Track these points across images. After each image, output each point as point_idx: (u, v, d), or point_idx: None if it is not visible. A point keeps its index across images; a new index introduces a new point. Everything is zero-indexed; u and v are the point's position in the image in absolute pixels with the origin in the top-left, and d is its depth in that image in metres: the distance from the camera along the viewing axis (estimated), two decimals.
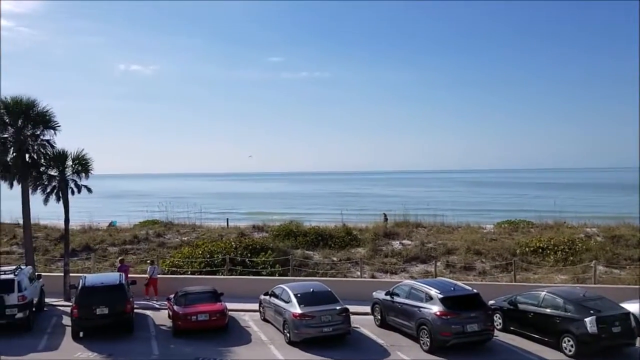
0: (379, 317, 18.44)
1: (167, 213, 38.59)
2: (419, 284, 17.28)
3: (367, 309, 19.29)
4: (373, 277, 24.44)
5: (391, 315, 17.77)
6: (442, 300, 15.64)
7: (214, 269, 24.72)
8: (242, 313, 20.23)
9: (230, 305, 19.08)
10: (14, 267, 19.85)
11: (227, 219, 39.29)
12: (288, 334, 16.62)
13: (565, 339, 15.30)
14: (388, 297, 17.98)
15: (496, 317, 17.65)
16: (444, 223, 32.91)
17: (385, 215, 38.25)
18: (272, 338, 17.23)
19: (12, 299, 17.63)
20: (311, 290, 17.47)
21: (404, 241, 29.13)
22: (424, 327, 15.78)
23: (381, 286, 20.21)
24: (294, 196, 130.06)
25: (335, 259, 26.93)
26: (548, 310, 16.13)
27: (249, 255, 25.56)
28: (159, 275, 22.96)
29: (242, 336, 17.62)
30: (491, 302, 17.96)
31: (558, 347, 15.52)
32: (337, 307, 16.57)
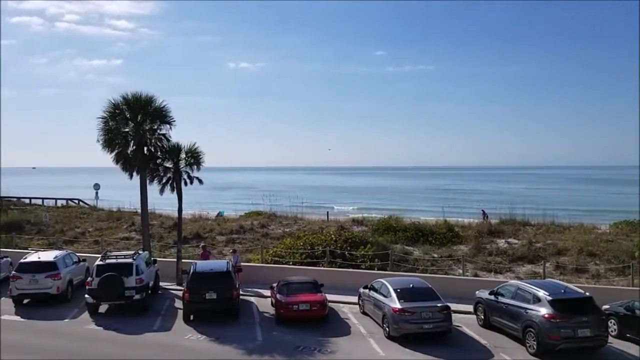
0: (482, 317, 17.88)
1: (270, 205, 39.91)
2: (526, 284, 16.60)
3: (469, 308, 18.81)
4: (476, 275, 23.77)
5: (495, 316, 17.18)
6: (551, 303, 14.90)
7: (315, 260, 25.20)
8: (342, 305, 20.44)
9: (330, 297, 19.33)
10: (133, 252, 21.45)
11: (328, 212, 39.85)
12: (387, 329, 16.59)
13: None
14: (492, 297, 17.40)
15: (611, 322, 16.57)
16: (554, 222, 31.22)
17: (484, 211, 36.99)
18: (371, 331, 17.26)
19: (131, 281, 18.96)
20: (411, 285, 17.31)
21: (509, 240, 28.02)
22: (531, 329, 15.12)
23: (485, 285, 19.62)
24: (391, 191, 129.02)
25: (435, 255, 26.47)
26: None
27: (348, 248, 25.79)
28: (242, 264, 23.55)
29: (342, 328, 17.79)
30: (605, 306, 16.89)
31: None
32: (438, 304, 16.29)
